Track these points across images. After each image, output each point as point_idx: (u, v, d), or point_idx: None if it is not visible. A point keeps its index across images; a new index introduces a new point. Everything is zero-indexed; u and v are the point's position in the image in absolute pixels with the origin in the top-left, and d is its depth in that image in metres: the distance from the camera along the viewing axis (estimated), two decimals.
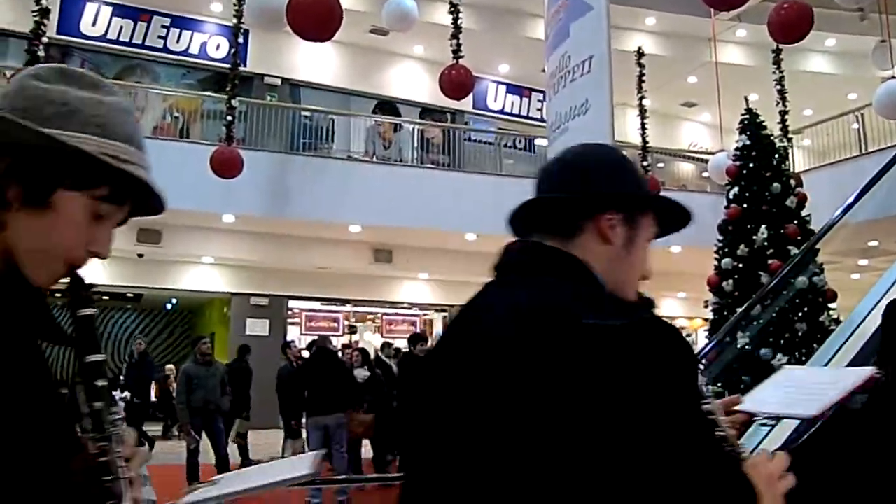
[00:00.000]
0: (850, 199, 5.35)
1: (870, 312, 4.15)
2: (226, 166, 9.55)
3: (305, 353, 11.03)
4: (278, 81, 14.98)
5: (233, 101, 10.21)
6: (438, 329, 17.04)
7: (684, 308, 18.69)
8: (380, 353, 10.76)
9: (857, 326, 4.19)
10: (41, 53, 7.44)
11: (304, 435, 9.85)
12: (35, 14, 7.55)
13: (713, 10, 7.65)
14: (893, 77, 9.05)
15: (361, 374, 9.34)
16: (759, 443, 3.50)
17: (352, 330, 15.95)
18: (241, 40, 10.40)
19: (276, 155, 11.58)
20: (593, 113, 3.68)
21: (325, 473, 8.24)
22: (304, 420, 9.75)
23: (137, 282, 14.34)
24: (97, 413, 0.98)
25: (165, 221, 12.20)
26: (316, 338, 11.63)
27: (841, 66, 15.96)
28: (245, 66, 11.44)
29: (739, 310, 6.60)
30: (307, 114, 13.86)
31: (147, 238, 12.36)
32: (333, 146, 13.43)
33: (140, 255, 13.23)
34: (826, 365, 4.01)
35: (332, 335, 13.07)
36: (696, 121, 19.35)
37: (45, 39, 7.64)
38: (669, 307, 19.17)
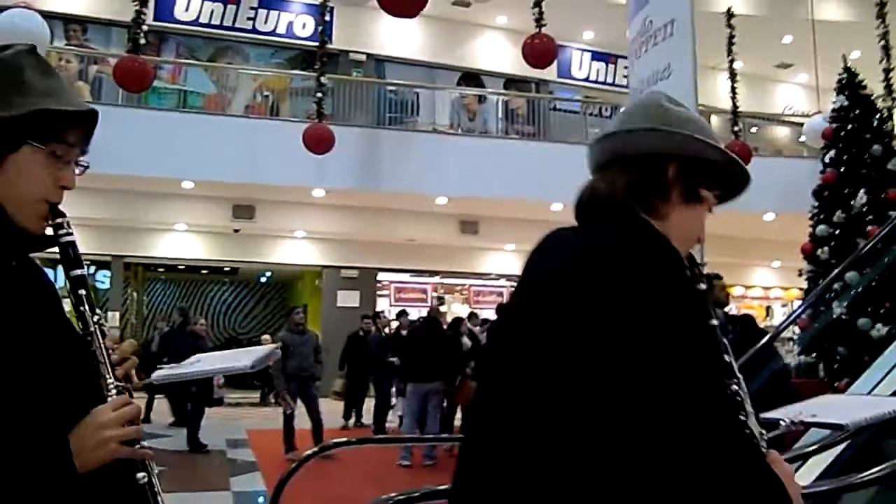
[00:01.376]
0: None
1: None
2: (318, 142, 9.80)
3: (395, 324, 11.32)
4: (363, 57, 15.19)
5: (322, 79, 10.43)
6: None
7: (778, 278, 18.08)
8: (467, 322, 10.90)
9: None
10: (142, 41, 7.79)
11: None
12: (135, 3, 7.91)
13: None
14: None
15: (464, 342, 9.56)
16: None
17: (440, 301, 16.15)
18: (326, 18, 10.59)
19: (364, 130, 11.79)
20: (676, 77, 3.63)
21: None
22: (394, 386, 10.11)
23: (233, 256, 14.94)
24: None
25: (258, 197, 12.65)
26: (402, 308, 11.93)
27: None
28: (331, 42, 11.66)
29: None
30: (393, 88, 14.03)
31: (241, 213, 12.85)
32: (419, 119, 13.56)
33: (236, 231, 13.77)
34: None
35: (421, 306, 13.32)
36: (791, 83, 18.54)
37: (144, 27, 8.00)
38: (763, 277, 18.59)
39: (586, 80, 16.95)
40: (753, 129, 15.50)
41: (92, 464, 1.08)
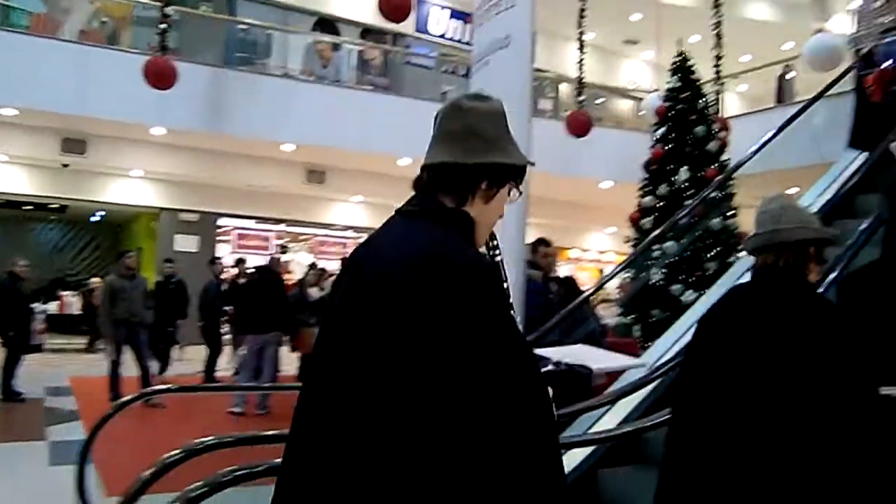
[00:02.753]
0: (756, 146, 5.57)
1: None
2: (160, 77, 9.23)
3: (234, 270, 11.02)
4: None
5: (166, 9, 9.83)
6: None
7: (613, 243, 19.17)
8: (312, 271, 10.82)
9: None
10: None
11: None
12: None
13: None
14: (821, 31, 9.27)
15: (315, 293, 9.52)
16: None
17: (283, 250, 15.90)
18: None
19: (210, 68, 11.22)
20: (514, 48, 3.72)
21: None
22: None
23: (62, 192, 13.96)
24: None
25: (91, 131, 11.83)
26: (242, 256, 11.64)
27: (780, 14, 16.17)
28: None
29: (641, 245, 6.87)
30: (244, 27, 13.41)
31: (71, 148, 11.98)
32: (269, 62, 13.08)
33: (65, 165, 12.84)
34: None
35: (264, 254, 13.02)
36: (638, 59, 19.47)
37: None
38: (598, 241, 19.66)
39: (443, 36, 16.97)
40: (600, 100, 16.18)
41: None
